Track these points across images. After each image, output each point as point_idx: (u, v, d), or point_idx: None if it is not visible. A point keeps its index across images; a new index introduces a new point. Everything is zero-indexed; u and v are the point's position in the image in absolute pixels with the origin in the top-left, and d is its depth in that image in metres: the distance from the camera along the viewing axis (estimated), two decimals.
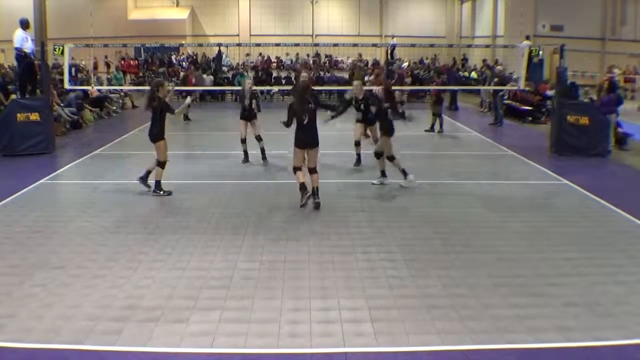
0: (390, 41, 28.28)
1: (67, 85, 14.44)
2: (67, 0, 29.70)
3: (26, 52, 11.98)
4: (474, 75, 25.26)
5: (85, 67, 23.48)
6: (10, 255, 5.93)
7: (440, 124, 14.80)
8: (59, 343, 4.20)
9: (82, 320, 4.53)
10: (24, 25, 12.15)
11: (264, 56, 28.38)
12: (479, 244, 6.39)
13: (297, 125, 7.76)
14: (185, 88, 17.86)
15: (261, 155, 10.83)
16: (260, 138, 10.82)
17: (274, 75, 24.71)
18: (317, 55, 29.69)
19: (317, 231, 6.76)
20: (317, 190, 7.79)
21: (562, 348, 4.20)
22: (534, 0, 28.04)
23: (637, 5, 27.81)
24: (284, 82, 22.47)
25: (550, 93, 16.49)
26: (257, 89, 15.04)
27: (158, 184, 8.32)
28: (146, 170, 8.44)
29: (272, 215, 7.43)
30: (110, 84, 20.50)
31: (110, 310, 4.72)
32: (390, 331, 4.40)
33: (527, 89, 17.33)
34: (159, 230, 6.75)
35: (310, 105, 7.70)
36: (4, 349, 4.11)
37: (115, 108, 18.46)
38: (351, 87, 10.32)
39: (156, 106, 8.13)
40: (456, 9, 33.60)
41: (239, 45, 26.19)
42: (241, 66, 24.92)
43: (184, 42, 29.23)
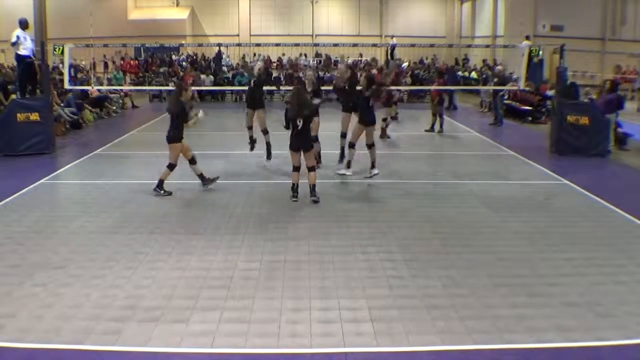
0: (390, 41, 28.29)
1: (67, 85, 14.45)
2: (67, 0, 29.71)
3: (20, 54, 11.98)
4: (474, 75, 25.26)
5: (85, 67, 23.48)
6: (10, 255, 5.93)
7: (440, 124, 14.79)
8: (59, 343, 4.20)
9: (82, 320, 4.53)
10: (23, 25, 12.15)
11: (263, 56, 28.29)
12: (479, 244, 6.40)
13: (292, 129, 8.05)
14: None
15: (266, 152, 10.41)
16: (267, 131, 10.36)
17: (274, 75, 24.66)
18: (318, 55, 29.68)
19: (317, 231, 6.76)
20: (314, 188, 7.99)
21: (562, 348, 4.20)
22: (534, 0, 28.03)
23: (637, 5, 27.79)
24: (284, 82, 22.41)
25: (550, 93, 16.50)
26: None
27: (160, 183, 8.39)
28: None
29: (272, 215, 7.43)
30: (110, 84, 20.49)
31: (110, 310, 4.72)
32: (390, 331, 4.40)
33: (527, 89, 17.32)
34: (159, 230, 6.75)
35: (306, 112, 7.97)
36: (4, 349, 4.11)
37: (115, 108, 18.46)
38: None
39: (177, 113, 8.29)
40: (456, 9, 33.60)
41: (239, 45, 26.18)
42: (241, 63, 24.75)
43: (184, 42, 29.22)
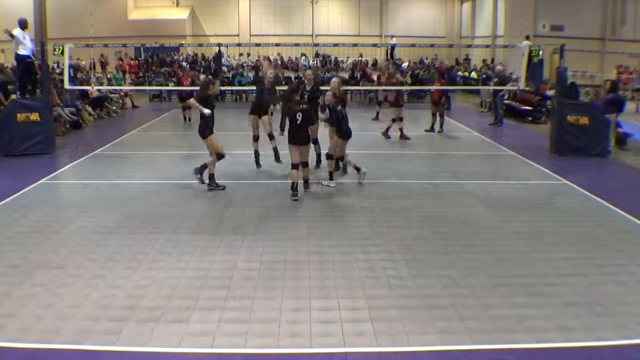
0: (390, 41, 28.29)
1: (67, 85, 14.44)
2: (67, 0, 29.68)
3: (20, 54, 12.00)
4: (474, 75, 25.26)
5: (85, 67, 23.47)
6: (10, 255, 5.93)
7: (440, 124, 14.79)
8: (59, 343, 4.20)
9: (82, 320, 4.53)
10: (23, 25, 12.17)
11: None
12: (479, 244, 6.40)
13: (291, 124, 8.33)
14: (180, 88, 17.72)
15: (274, 156, 10.35)
16: (273, 136, 10.38)
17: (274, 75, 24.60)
18: (317, 55, 29.67)
19: (317, 231, 6.76)
20: (308, 180, 8.58)
21: (563, 348, 4.20)
22: (534, 0, 28.02)
23: (637, 5, 27.77)
24: (284, 83, 22.38)
25: (550, 93, 16.50)
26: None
27: (212, 178, 8.67)
28: (202, 164, 8.82)
29: (272, 215, 7.43)
30: (110, 84, 20.48)
31: (110, 310, 4.72)
32: (390, 331, 4.40)
33: (527, 89, 17.32)
34: (159, 230, 6.75)
35: (303, 106, 8.26)
36: (4, 349, 4.11)
37: (115, 108, 18.47)
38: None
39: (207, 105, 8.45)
40: (456, 9, 33.59)
41: (239, 45, 26.17)
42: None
43: (184, 42, 29.20)
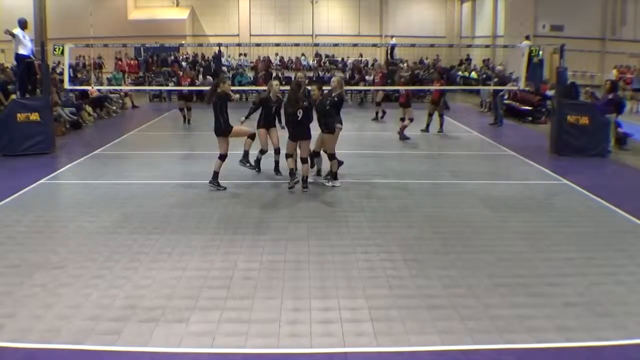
0: (390, 41, 28.28)
1: (67, 85, 14.45)
2: (67, 0, 29.70)
3: (19, 54, 12.00)
4: (474, 75, 25.27)
5: (86, 67, 23.49)
6: (10, 255, 5.93)
7: (440, 124, 14.79)
8: (58, 343, 4.20)
9: (82, 320, 4.53)
10: (22, 25, 12.18)
11: (263, 56, 28.30)
12: (479, 244, 6.39)
13: (292, 121, 8.49)
14: (178, 88, 17.67)
15: (274, 167, 9.68)
16: (279, 151, 9.59)
17: (274, 75, 24.64)
18: (317, 55, 29.67)
19: (317, 231, 6.76)
20: (307, 179, 8.54)
21: (563, 348, 4.20)
22: (534, 0, 28.04)
23: (637, 5, 27.80)
24: (283, 83, 22.39)
25: (550, 93, 16.49)
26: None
27: (215, 175, 8.64)
28: (244, 150, 9.34)
29: (272, 215, 7.43)
30: (110, 84, 20.48)
31: (110, 310, 4.72)
32: (390, 331, 4.40)
33: (527, 89, 17.32)
34: (159, 230, 6.75)
35: (305, 103, 8.42)
36: (4, 349, 4.10)
37: (115, 108, 18.47)
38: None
39: (215, 101, 8.48)
40: (456, 9, 33.60)
41: (239, 45, 26.19)
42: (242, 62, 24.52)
43: (184, 42, 29.21)
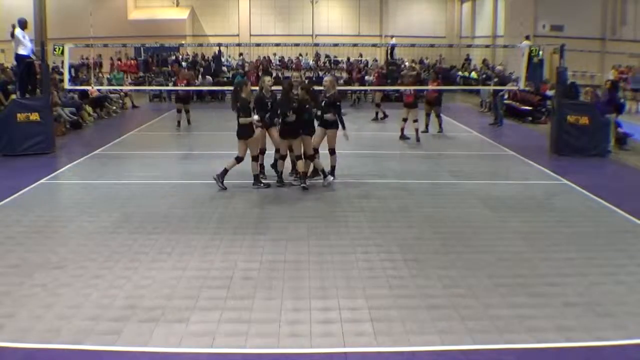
0: (390, 41, 28.29)
1: (67, 85, 14.45)
2: (67, 0, 29.70)
3: (19, 54, 12.02)
4: (474, 75, 25.26)
5: (86, 66, 23.46)
6: (10, 255, 5.93)
7: (439, 124, 14.78)
8: (58, 343, 4.20)
9: (82, 320, 4.53)
10: (22, 25, 12.19)
11: (263, 56, 28.30)
12: (479, 244, 6.39)
13: (282, 120, 8.51)
14: (177, 88, 17.64)
15: (272, 162, 9.24)
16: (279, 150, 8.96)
17: (274, 75, 24.62)
18: (317, 55, 29.68)
19: (317, 231, 6.76)
20: (305, 176, 8.50)
21: (563, 348, 4.20)
22: (534, 0, 28.04)
23: (637, 5, 27.77)
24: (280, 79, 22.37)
25: (550, 93, 16.49)
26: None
27: (224, 172, 8.63)
28: (259, 165, 8.94)
29: (272, 215, 7.43)
30: (110, 84, 20.48)
31: (110, 310, 4.72)
32: (390, 331, 4.40)
33: (527, 89, 17.32)
34: (159, 230, 6.75)
35: (294, 105, 8.41)
36: (4, 349, 4.10)
37: (115, 108, 18.47)
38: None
39: (238, 106, 8.52)
40: (456, 9, 33.62)
41: (239, 45, 26.20)
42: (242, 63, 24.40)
43: (184, 42, 29.21)
